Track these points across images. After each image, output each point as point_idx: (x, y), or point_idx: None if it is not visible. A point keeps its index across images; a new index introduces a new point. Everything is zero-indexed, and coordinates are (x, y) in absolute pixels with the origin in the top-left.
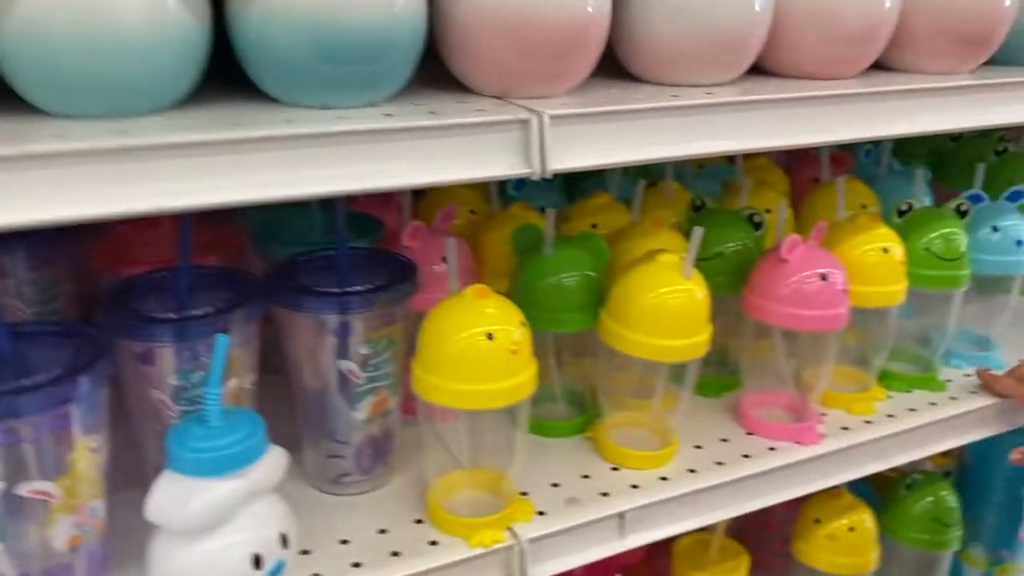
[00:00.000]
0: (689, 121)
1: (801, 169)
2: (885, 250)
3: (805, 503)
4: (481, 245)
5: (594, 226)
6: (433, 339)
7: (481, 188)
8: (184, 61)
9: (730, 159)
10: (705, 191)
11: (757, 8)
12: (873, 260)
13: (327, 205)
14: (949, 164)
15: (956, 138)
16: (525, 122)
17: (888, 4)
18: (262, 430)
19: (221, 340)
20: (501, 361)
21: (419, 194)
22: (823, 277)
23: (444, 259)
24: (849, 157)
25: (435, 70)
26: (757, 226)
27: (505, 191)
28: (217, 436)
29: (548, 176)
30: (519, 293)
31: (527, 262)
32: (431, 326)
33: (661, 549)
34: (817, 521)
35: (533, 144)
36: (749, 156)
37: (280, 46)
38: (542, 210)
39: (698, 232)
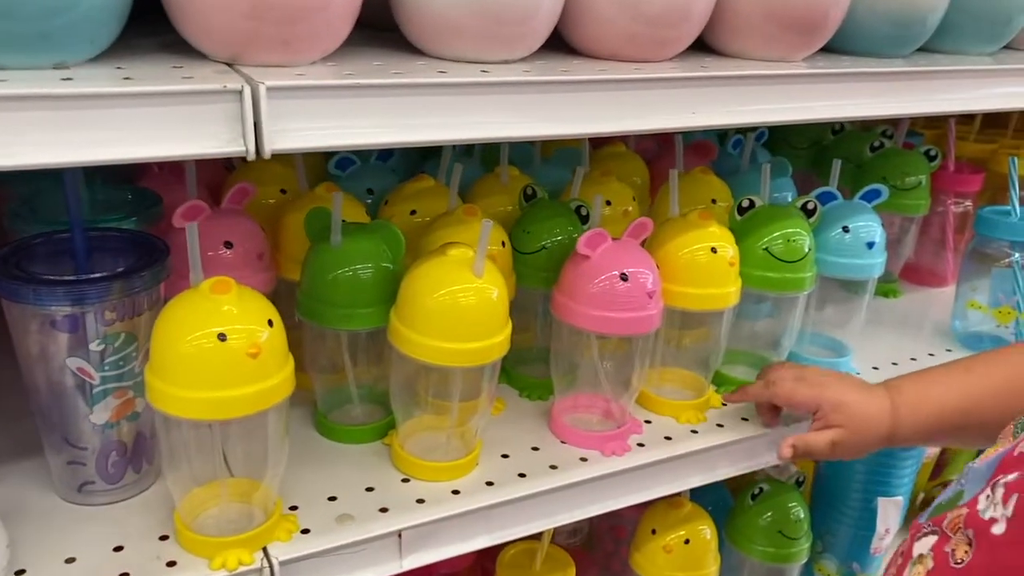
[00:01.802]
0: (450, 101)
1: (662, 159)
2: (713, 250)
3: (644, 511)
4: (280, 229)
5: (413, 212)
6: (161, 339)
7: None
8: None
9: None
10: (555, 179)
11: None
12: (700, 260)
13: (92, 179)
14: (828, 159)
15: (837, 131)
16: (237, 93)
17: None
18: None
19: None
20: (236, 366)
21: (230, 168)
22: (623, 277)
23: (227, 244)
24: (713, 147)
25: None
26: (585, 219)
27: (327, 171)
28: None
29: (266, 156)
30: (306, 284)
31: (314, 251)
32: (160, 325)
33: (490, 555)
34: (654, 531)
35: (246, 119)
36: (604, 143)
37: None
38: (370, 192)
39: (487, 225)
